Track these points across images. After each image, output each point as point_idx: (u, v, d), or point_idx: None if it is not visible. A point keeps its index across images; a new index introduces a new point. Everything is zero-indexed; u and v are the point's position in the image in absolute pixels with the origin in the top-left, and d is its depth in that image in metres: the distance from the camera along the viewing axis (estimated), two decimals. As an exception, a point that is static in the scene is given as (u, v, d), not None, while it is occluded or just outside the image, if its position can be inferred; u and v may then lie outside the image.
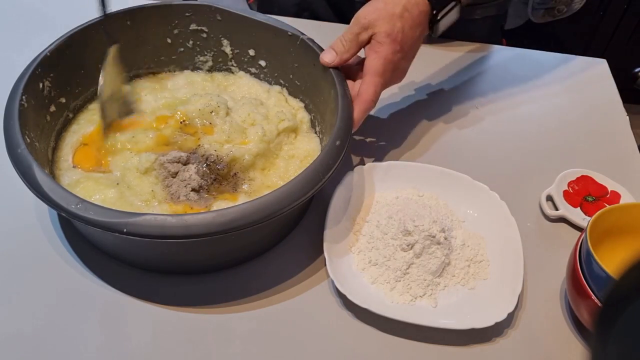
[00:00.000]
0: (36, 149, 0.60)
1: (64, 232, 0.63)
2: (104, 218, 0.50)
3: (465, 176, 0.68)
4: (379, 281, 0.60)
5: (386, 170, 0.69)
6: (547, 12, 0.85)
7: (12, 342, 0.55)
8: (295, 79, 0.74)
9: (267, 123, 0.69)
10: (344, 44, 0.65)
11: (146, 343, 0.56)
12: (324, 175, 0.56)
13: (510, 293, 0.58)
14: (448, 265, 0.61)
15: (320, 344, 0.57)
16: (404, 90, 0.83)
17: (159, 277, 0.61)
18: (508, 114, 0.83)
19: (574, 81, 0.89)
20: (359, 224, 0.65)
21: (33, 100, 0.61)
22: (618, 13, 1.78)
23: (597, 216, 0.56)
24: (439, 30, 0.68)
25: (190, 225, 0.50)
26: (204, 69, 0.78)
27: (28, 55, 0.64)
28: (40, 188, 0.52)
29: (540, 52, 0.94)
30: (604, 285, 0.52)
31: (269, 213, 0.52)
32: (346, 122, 0.61)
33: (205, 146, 0.65)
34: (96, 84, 0.71)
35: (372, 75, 0.63)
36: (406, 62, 0.67)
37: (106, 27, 0.66)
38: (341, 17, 0.96)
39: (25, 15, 0.92)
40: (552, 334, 0.60)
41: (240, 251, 0.61)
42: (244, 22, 0.72)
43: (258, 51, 0.75)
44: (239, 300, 0.60)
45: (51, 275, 0.60)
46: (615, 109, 0.85)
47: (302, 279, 0.62)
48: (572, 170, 0.73)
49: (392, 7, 0.64)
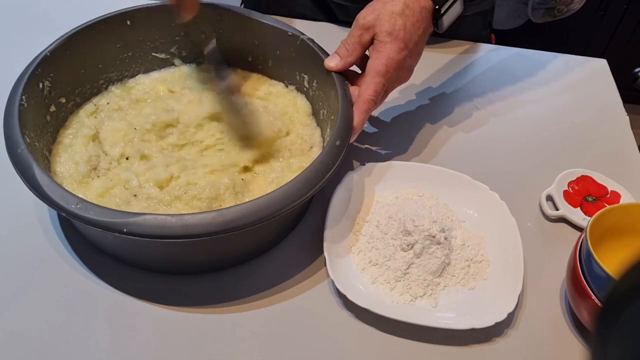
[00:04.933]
0: (36, 149, 0.60)
1: (64, 232, 0.63)
2: (104, 218, 0.50)
3: (465, 176, 0.68)
4: (379, 281, 0.60)
5: (386, 170, 0.69)
6: (547, 12, 0.85)
7: (12, 342, 0.55)
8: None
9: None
10: (347, 47, 0.65)
11: (146, 343, 0.56)
12: (324, 175, 0.56)
13: (510, 293, 0.58)
14: (448, 265, 0.61)
15: (320, 344, 0.57)
16: (404, 91, 0.83)
17: (159, 277, 0.61)
18: (508, 114, 0.83)
19: (574, 81, 0.89)
20: (359, 224, 0.65)
21: (33, 100, 0.61)
22: (618, 13, 1.78)
23: (597, 216, 0.56)
24: (443, 25, 0.67)
25: (190, 225, 0.50)
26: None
27: (28, 55, 0.64)
28: (40, 188, 0.52)
29: (540, 52, 0.94)
30: (604, 285, 0.52)
31: (269, 213, 0.52)
32: (346, 122, 0.61)
33: None
34: (96, 84, 0.72)
35: (372, 75, 0.63)
36: (412, 60, 0.66)
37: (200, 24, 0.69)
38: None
39: (25, 15, 0.92)
40: (552, 334, 0.60)
41: (240, 251, 0.61)
42: (244, 22, 0.72)
43: (258, 51, 0.75)
44: (239, 300, 0.60)
45: (51, 276, 0.60)
46: (615, 109, 0.85)
47: (302, 279, 0.62)
48: (572, 170, 0.73)
49: (391, 5, 0.63)
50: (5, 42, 0.87)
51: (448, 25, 0.68)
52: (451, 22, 0.68)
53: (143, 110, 0.70)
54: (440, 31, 0.68)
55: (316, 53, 0.68)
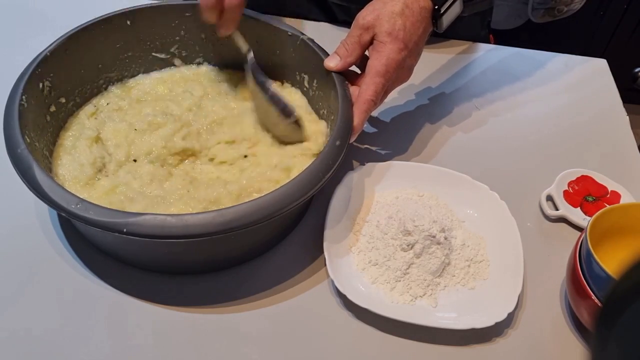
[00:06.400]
0: (36, 149, 0.60)
1: (64, 232, 0.63)
2: (103, 218, 0.50)
3: (465, 176, 0.68)
4: (379, 281, 0.60)
5: (386, 170, 0.69)
6: (547, 12, 0.85)
7: (12, 342, 0.55)
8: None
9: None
10: (346, 47, 0.65)
11: (146, 343, 0.56)
12: (324, 175, 0.56)
13: (510, 293, 0.58)
14: (448, 265, 0.61)
15: (320, 344, 0.57)
16: (403, 91, 0.83)
17: (159, 277, 0.61)
18: (508, 114, 0.83)
19: (574, 81, 0.89)
20: (359, 224, 0.65)
21: (33, 100, 0.61)
22: (618, 13, 1.78)
23: (597, 216, 0.56)
24: (443, 25, 0.67)
25: (189, 225, 0.50)
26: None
27: (28, 55, 0.64)
28: (40, 188, 0.52)
29: (540, 52, 0.94)
30: (604, 285, 0.52)
31: (269, 213, 0.52)
32: (346, 123, 0.61)
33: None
34: (96, 84, 0.72)
35: (372, 76, 0.63)
36: (412, 60, 0.66)
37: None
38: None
39: (25, 15, 0.92)
40: (552, 334, 0.60)
41: (240, 251, 0.61)
42: (244, 22, 0.72)
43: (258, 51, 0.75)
44: (239, 300, 0.60)
45: (51, 276, 0.60)
46: (615, 109, 0.85)
47: (302, 278, 0.62)
48: (572, 170, 0.73)
49: (391, 5, 0.63)
50: (5, 42, 0.87)
51: (447, 25, 0.68)
52: (451, 22, 0.68)
53: (143, 110, 0.70)
54: (439, 31, 0.68)
55: (316, 53, 0.68)
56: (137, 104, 0.71)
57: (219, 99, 0.73)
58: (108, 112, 0.70)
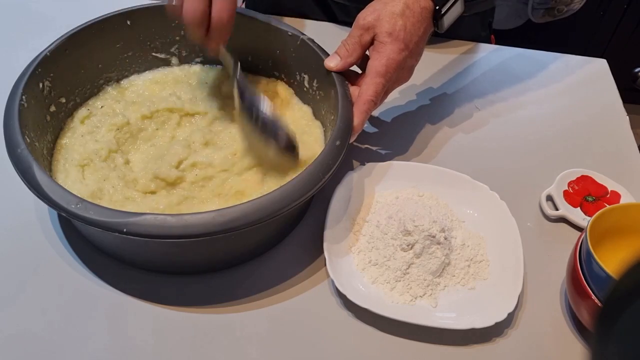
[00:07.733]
0: (36, 149, 0.60)
1: (64, 232, 0.63)
2: (103, 218, 0.50)
3: (465, 176, 0.68)
4: (379, 281, 0.60)
5: (386, 170, 0.69)
6: (547, 12, 0.85)
7: (12, 343, 0.55)
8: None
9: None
10: (347, 48, 0.65)
11: (146, 342, 0.56)
12: (324, 175, 0.56)
13: (510, 293, 0.58)
14: (448, 265, 0.61)
15: (320, 344, 0.57)
16: (404, 91, 0.83)
17: (159, 277, 0.61)
18: (508, 114, 0.83)
19: (573, 81, 0.89)
20: (359, 224, 0.65)
21: (33, 100, 0.61)
22: (618, 13, 1.79)
23: (597, 216, 0.56)
24: (444, 25, 0.67)
25: (189, 225, 0.50)
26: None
27: (28, 55, 0.64)
28: (40, 188, 0.52)
29: (540, 52, 0.94)
30: (604, 285, 0.52)
31: (269, 213, 0.52)
32: (346, 123, 0.61)
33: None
34: (96, 84, 0.71)
35: (372, 76, 0.63)
36: (412, 60, 0.66)
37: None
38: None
39: (25, 15, 0.92)
40: (552, 334, 0.60)
41: (240, 251, 0.61)
42: (244, 22, 0.72)
43: (258, 51, 0.75)
44: (238, 300, 0.60)
45: (51, 276, 0.60)
46: (615, 109, 0.85)
47: (302, 279, 0.62)
48: (572, 170, 0.73)
49: (391, 6, 0.63)
50: (5, 42, 0.87)
51: (448, 26, 0.68)
52: (452, 23, 0.68)
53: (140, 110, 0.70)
54: (440, 31, 0.68)
55: (316, 53, 0.68)
56: (132, 105, 0.71)
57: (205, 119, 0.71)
58: (101, 115, 0.69)
